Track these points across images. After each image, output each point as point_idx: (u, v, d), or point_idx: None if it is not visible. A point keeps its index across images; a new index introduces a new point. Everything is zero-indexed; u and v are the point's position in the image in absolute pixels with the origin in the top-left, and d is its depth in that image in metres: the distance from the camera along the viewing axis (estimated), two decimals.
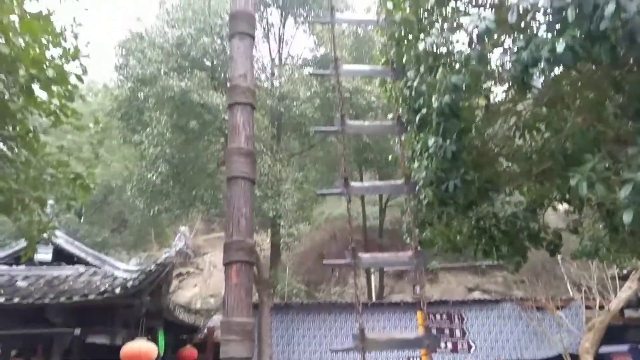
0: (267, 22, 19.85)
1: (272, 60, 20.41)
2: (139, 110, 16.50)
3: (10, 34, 6.06)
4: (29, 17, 6.84)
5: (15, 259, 13.67)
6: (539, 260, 20.59)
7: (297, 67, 20.02)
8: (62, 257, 13.87)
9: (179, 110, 15.27)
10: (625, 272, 16.23)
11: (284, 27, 20.10)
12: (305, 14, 19.32)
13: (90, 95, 27.64)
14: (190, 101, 14.75)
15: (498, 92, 7.60)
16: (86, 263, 13.89)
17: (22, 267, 13.16)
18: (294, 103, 17.91)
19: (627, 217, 3.98)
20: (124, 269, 13.84)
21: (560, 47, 4.04)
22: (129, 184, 17.60)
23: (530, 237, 7.68)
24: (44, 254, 13.33)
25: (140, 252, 27.37)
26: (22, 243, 13.24)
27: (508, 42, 6.01)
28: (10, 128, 7.12)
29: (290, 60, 20.79)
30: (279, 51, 20.56)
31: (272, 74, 19.87)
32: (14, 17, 6.61)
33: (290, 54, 21.53)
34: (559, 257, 14.91)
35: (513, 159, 6.89)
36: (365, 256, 5.63)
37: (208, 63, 16.48)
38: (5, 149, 7.12)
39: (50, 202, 10.34)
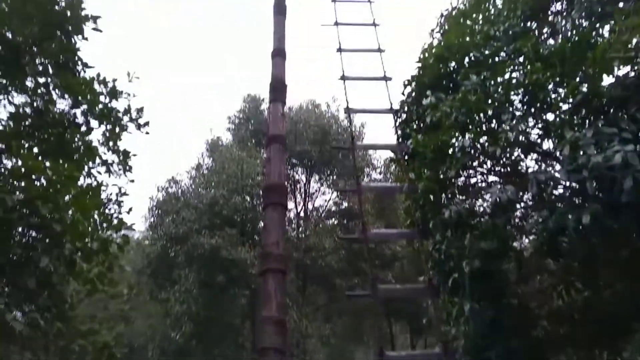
0: (294, 180, 21.13)
1: (298, 214, 21.20)
2: (168, 267, 16.82)
3: (63, 212, 6.59)
4: (80, 191, 7.52)
5: None
6: None
7: (322, 219, 20.66)
8: None
9: (207, 266, 15.52)
10: None
11: (309, 183, 21.31)
12: (329, 171, 20.60)
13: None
14: (220, 257, 15.07)
15: (526, 243, 7.60)
16: None
17: None
18: (320, 254, 18.10)
19: None
20: None
21: (585, 218, 4.17)
22: (152, 343, 17.09)
23: None
24: None
25: None
26: None
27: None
28: (47, 297, 7.29)
29: (315, 213, 21.55)
30: (304, 205, 21.46)
31: (298, 226, 20.46)
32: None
33: (315, 206, 22.38)
34: None
35: (555, 320, 6.56)
36: None
37: (238, 219, 17.21)
38: (39, 318, 7.19)
39: None
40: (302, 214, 21.64)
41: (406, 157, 7.72)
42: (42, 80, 8.16)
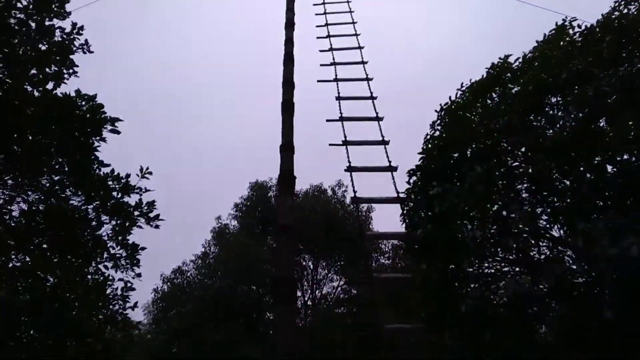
0: (301, 266, 20.81)
1: (305, 302, 20.60)
2: None
3: (68, 313, 6.48)
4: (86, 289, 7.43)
5: None
6: None
7: (331, 309, 20.03)
8: None
9: None
10: None
11: (316, 270, 20.94)
12: (336, 257, 20.34)
13: None
14: (225, 353, 14.42)
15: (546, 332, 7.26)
16: None
17: None
18: (331, 347, 17.32)
19: None
20: None
21: (607, 313, 4.04)
22: None
23: None
24: None
25: None
26: None
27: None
28: None
29: (323, 301, 20.93)
30: (312, 293, 20.92)
31: (306, 316, 19.79)
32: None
33: (323, 294, 21.76)
34: None
35: None
36: None
37: (244, 310, 16.71)
38: None
39: None
40: (309, 302, 21.03)
41: (416, 247, 7.67)
42: (57, 178, 8.42)
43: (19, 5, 7.53)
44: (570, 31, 7.21)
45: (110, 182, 8.43)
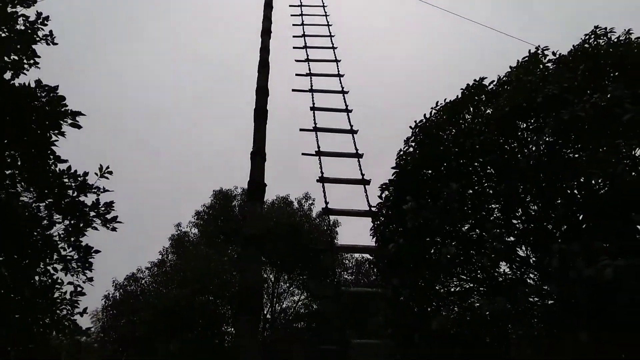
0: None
1: (265, 315, 20.12)
2: None
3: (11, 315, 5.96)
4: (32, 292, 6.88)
5: None
6: None
7: (290, 321, 19.65)
8: None
9: None
10: None
11: (277, 283, 20.53)
12: (299, 271, 20.01)
13: None
14: None
15: None
16: None
17: None
18: None
19: None
20: None
21: (582, 335, 4.02)
22: None
23: None
24: None
25: None
26: None
27: None
28: None
29: (282, 316, 20.52)
30: (271, 306, 20.47)
31: (264, 330, 19.30)
32: None
33: (283, 308, 21.34)
34: None
35: None
36: None
37: (200, 321, 16.11)
38: None
39: None
40: (269, 316, 20.55)
41: (386, 262, 7.55)
42: (8, 172, 7.82)
43: None
44: (543, 59, 7.40)
45: (66, 180, 7.92)
